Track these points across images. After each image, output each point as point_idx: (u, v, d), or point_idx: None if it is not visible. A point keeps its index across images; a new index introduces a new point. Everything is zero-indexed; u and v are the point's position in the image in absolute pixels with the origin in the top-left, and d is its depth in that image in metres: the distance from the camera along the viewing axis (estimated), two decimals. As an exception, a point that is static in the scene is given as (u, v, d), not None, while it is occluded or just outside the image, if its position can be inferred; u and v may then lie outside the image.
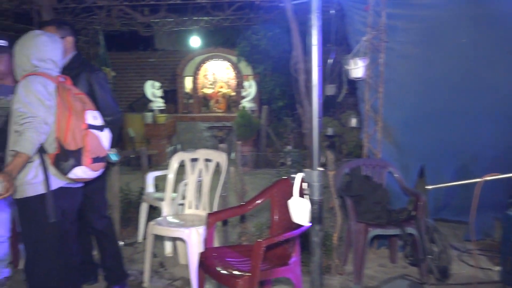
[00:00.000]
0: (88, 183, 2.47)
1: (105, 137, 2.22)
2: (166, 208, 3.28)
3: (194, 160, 3.32)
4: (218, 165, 3.20)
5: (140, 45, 9.29)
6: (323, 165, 3.90)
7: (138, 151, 4.70)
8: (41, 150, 2.06)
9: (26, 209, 2.16)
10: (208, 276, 2.35)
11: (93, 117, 2.15)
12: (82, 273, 2.71)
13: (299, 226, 2.23)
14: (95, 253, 3.01)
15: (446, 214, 3.71)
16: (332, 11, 2.91)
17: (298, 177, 1.34)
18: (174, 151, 8.29)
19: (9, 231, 2.91)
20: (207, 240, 2.48)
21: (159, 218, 3.14)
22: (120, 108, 2.73)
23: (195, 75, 8.57)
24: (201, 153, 3.28)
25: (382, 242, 3.54)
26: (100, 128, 2.18)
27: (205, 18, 6.14)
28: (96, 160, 2.13)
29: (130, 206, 4.07)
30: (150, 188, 3.90)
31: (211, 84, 8.76)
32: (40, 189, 2.08)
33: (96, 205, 2.69)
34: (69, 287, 2.34)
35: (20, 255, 3.15)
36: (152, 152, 7.34)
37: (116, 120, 2.61)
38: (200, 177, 3.27)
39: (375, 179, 3.27)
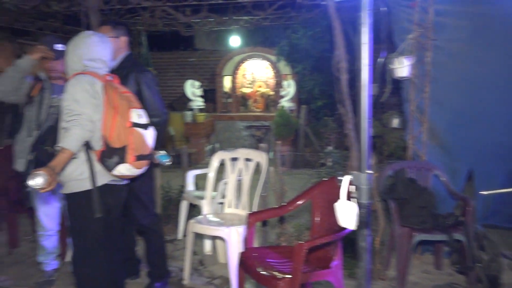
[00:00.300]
0: (137, 181, 2.54)
1: (149, 135, 2.24)
2: (206, 207, 3.31)
3: (234, 159, 3.33)
4: (258, 165, 3.20)
5: (180, 45, 9.46)
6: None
7: (179, 150, 4.76)
8: (88, 147, 2.11)
9: (73, 204, 2.22)
10: (248, 276, 2.35)
11: (138, 116, 2.18)
12: (125, 268, 2.77)
13: (341, 229, 2.18)
14: (138, 249, 3.09)
15: (496, 220, 3.52)
16: (384, 9, 2.82)
17: (346, 179, 1.30)
18: (213, 150, 8.37)
19: (58, 225, 3.02)
20: (248, 240, 2.48)
21: (199, 217, 3.17)
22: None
23: (234, 75, 8.62)
24: (241, 153, 3.29)
25: (427, 247, 3.41)
26: (144, 126, 2.21)
27: (245, 17, 6.15)
28: (139, 158, 2.15)
29: (170, 204, 4.14)
30: (190, 186, 3.95)
31: (249, 84, 8.79)
32: (87, 185, 2.14)
33: (145, 203, 2.73)
34: (113, 281, 2.39)
35: (67, 248, 3.28)
36: (191, 151, 7.44)
37: (163, 121, 2.64)
38: (240, 176, 3.28)
39: (420, 182, 3.15)
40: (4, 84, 2.67)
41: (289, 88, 7.78)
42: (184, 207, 3.85)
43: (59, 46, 2.77)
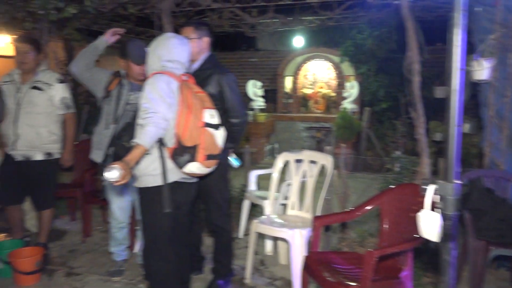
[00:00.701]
0: (211, 181, 2.59)
1: (219, 135, 2.27)
2: (269, 207, 3.31)
3: (298, 161, 3.30)
4: (322, 168, 3.15)
5: (242, 45, 9.58)
6: (434, 173, 3.64)
7: (241, 149, 4.81)
8: (162, 144, 2.18)
9: (145, 198, 2.31)
10: (312, 280, 2.32)
11: (210, 116, 2.21)
12: (191, 264, 2.84)
13: (414, 238, 2.09)
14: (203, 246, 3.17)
15: None
16: (478, 9, 2.66)
17: (431, 188, 1.23)
18: (272, 150, 8.41)
19: (129, 217, 3.16)
20: (313, 244, 2.45)
21: (263, 217, 3.18)
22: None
23: (295, 75, 8.59)
24: (306, 155, 3.25)
25: (502, 262, 3.18)
26: (216, 126, 2.24)
27: (309, 17, 6.10)
28: (209, 157, 2.19)
29: (232, 202, 4.19)
30: (252, 186, 3.97)
31: (310, 84, 8.70)
32: (159, 181, 2.21)
33: (219, 202, 2.77)
34: (180, 275, 2.46)
35: (136, 240, 3.43)
36: (251, 150, 7.50)
37: (242, 122, 2.67)
38: (303, 178, 3.25)
39: (498, 193, 2.94)
40: (77, 59, 2.85)
41: (352, 89, 7.62)
42: (246, 206, 3.88)
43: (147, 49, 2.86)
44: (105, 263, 3.32)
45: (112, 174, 1.90)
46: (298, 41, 8.39)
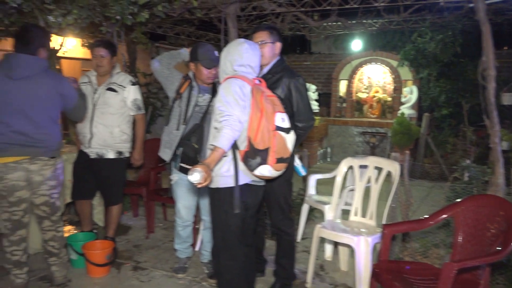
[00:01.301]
0: (276, 185, 2.61)
1: (290, 139, 2.28)
2: (331, 212, 3.28)
3: (362, 166, 3.25)
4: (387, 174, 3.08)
5: (296, 48, 9.56)
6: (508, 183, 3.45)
7: (299, 152, 4.81)
8: (234, 147, 2.23)
9: (216, 198, 2.37)
10: (382, 289, 2.27)
11: (282, 119, 2.22)
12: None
13: (494, 252, 2.00)
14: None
15: None
16: None
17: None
18: (324, 154, 8.33)
19: (193, 216, 3.24)
20: (382, 252, 2.40)
21: (325, 222, 3.16)
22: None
23: (350, 79, 8.46)
24: (372, 161, 3.19)
25: None
26: (286, 130, 2.25)
27: (369, 21, 5.98)
28: (279, 160, 2.21)
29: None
30: (312, 190, 3.95)
31: (365, 89, 8.55)
32: (230, 182, 2.26)
33: (283, 206, 2.79)
34: (246, 275, 2.50)
35: (197, 239, 3.51)
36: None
37: (308, 127, 2.68)
38: (367, 184, 3.19)
39: None
40: (162, 57, 2.97)
41: (411, 94, 7.39)
42: (305, 210, 3.87)
43: (216, 53, 2.93)
44: (168, 259, 3.42)
45: (195, 176, 1.97)
46: (356, 44, 8.23)
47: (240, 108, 2.18)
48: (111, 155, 3.34)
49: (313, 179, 3.99)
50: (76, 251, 3.16)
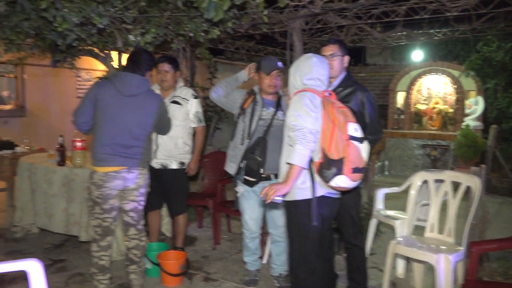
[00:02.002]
0: (348, 197, 2.59)
1: (364, 149, 2.26)
2: (404, 228, 3.18)
3: (438, 181, 3.13)
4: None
5: (351, 59, 9.46)
6: None
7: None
8: (309, 159, 2.24)
9: (293, 211, 2.38)
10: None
11: (354, 129, 2.22)
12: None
13: None
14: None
15: None
16: None
17: None
18: (382, 168, 8.12)
19: (260, 228, 3.26)
20: (470, 271, 2.29)
21: (400, 238, 3.06)
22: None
23: (409, 90, 8.23)
24: (448, 175, 3.07)
25: None
26: (360, 140, 2.24)
27: (435, 30, 5.81)
28: (355, 170, 2.18)
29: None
30: (380, 204, 3.86)
31: (425, 100, 8.28)
32: (307, 194, 2.27)
33: (355, 219, 2.77)
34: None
35: (265, 251, 3.51)
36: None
37: (378, 139, 2.70)
38: (443, 199, 3.07)
39: None
40: (218, 88, 3.08)
41: (477, 105, 7.07)
42: (373, 225, 3.78)
43: (280, 64, 3.01)
44: (237, 271, 3.45)
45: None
46: (417, 54, 8.00)
47: (311, 119, 2.19)
48: (174, 165, 3.45)
49: (381, 193, 3.90)
50: (151, 260, 3.26)
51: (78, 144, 3.69)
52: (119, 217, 2.94)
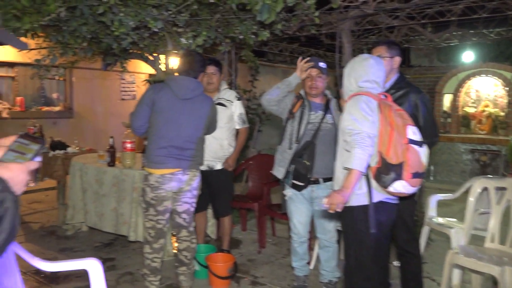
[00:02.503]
0: (401, 202, 2.49)
1: (423, 153, 2.17)
2: (461, 237, 3.03)
3: (500, 188, 2.97)
4: None
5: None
6: None
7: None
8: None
9: (349, 217, 2.31)
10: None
11: (413, 132, 2.14)
12: None
13: None
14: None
15: None
16: None
17: None
18: (427, 173, 7.84)
19: (308, 232, 3.20)
20: (541, 286, 2.14)
21: (457, 248, 2.92)
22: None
23: (456, 93, 7.92)
24: (511, 182, 2.91)
25: None
26: (419, 143, 2.15)
27: (484, 31, 5.57)
28: (415, 175, 2.10)
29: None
30: (432, 211, 3.71)
31: (473, 103, 7.94)
32: (363, 200, 2.21)
33: (410, 226, 2.68)
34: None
35: (312, 256, 3.45)
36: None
37: (433, 143, 2.61)
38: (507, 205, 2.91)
39: None
40: (269, 94, 2.99)
41: (531, 108, 6.71)
42: (425, 233, 3.64)
43: (323, 64, 2.95)
44: (285, 276, 3.41)
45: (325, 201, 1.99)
46: (468, 56, 7.66)
47: (368, 123, 2.14)
48: (219, 166, 3.48)
49: (434, 200, 3.74)
50: (199, 262, 3.27)
51: (128, 145, 3.76)
52: (171, 219, 2.96)
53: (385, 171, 2.11)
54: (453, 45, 7.42)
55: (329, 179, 2.98)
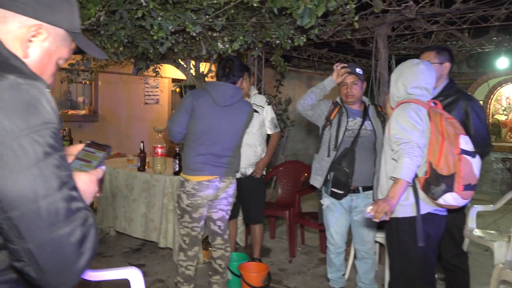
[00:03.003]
0: (449, 214, 2.39)
1: (476, 164, 2.07)
2: (507, 252, 2.90)
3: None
4: None
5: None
6: None
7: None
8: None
9: (394, 228, 2.22)
10: None
11: (466, 142, 2.04)
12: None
13: None
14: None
15: None
16: None
17: None
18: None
19: (345, 243, 3.10)
20: None
21: (504, 263, 2.79)
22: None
23: (486, 100, 7.71)
24: None
25: None
26: (472, 154, 2.05)
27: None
28: (467, 187, 2.02)
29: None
30: (472, 223, 3.57)
31: (504, 110, 7.73)
32: (410, 212, 2.13)
33: (456, 239, 2.58)
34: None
35: (347, 267, 3.35)
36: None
37: (486, 153, 2.48)
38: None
39: None
40: (304, 99, 2.92)
41: None
42: (465, 246, 3.49)
43: (359, 71, 2.86)
44: (319, 287, 3.31)
45: (369, 210, 1.91)
46: (502, 62, 7.39)
47: (418, 133, 2.05)
48: (250, 172, 3.43)
49: (473, 212, 3.60)
50: (232, 271, 3.20)
51: (159, 150, 3.73)
52: (205, 226, 2.91)
53: (435, 182, 2.02)
54: (486, 51, 7.23)
55: (369, 188, 2.90)
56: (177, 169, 3.65)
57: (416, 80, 2.20)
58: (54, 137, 0.74)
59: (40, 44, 0.85)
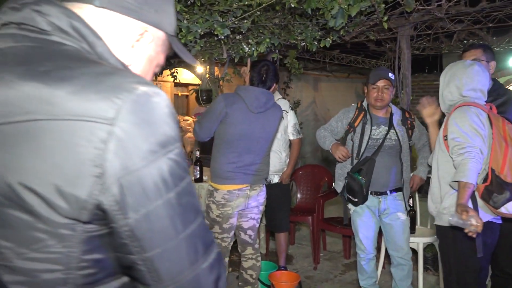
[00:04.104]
0: (505, 222, 2.31)
1: None
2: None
3: None
4: None
5: (425, 67, 9.01)
6: None
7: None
8: None
9: (451, 239, 2.14)
10: None
11: None
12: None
13: None
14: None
15: None
16: None
17: None
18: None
19: (375, 249, 3.02)
20: None
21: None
22: None
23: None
24: None
25: None
26: None
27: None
28: None
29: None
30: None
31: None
32: None
33: None
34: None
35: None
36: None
37: None
38: None
39: None
40: (320, 142, 2.98)
41: None
42: None
43: (392, 75, 2.79)
44: (350, 296, 3.23)
45: (455, 221, 1.82)
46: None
47: (481, 138, 1.97)
48: (276, 179, 3.36)
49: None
50: (261, 281, 3.10)
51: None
52: (235, 235, 2.81)
53: (498, 190, 1.93)
54: (499, 50, 7.18)
55: (398, 189, 2.85)
56: (198, 176, 3.54)
57: (472, 82, 2.10)
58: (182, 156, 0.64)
59: (143, 48, 0.75)
